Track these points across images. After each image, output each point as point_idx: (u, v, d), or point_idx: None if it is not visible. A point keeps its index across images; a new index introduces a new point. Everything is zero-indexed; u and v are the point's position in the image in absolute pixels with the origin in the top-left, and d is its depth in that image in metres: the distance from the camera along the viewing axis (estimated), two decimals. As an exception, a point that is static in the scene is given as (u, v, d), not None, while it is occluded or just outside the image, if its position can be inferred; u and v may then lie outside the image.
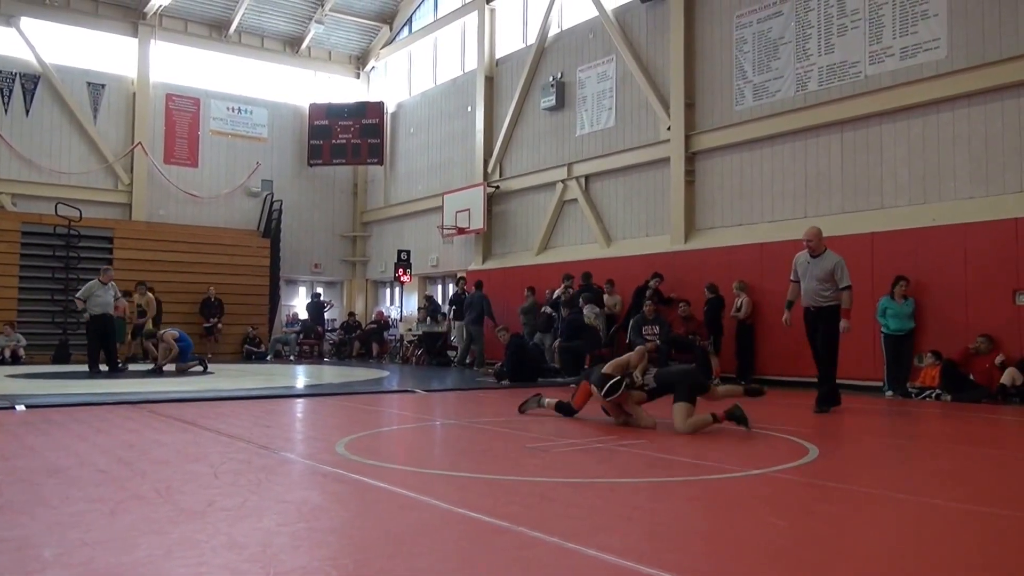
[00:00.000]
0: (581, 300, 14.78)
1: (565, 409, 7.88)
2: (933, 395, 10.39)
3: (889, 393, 10.97)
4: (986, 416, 8.61)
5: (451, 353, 19.54)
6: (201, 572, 2.83)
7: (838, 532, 3.57)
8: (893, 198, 12.01)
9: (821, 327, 8.80)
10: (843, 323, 8.74)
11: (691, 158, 14.95)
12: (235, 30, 23.33)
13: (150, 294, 16.85)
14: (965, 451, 6.30)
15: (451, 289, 22.26)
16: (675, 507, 4.03)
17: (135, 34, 21.95)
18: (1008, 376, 9.76)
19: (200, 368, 14.91)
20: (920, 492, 4.41)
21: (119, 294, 14.62)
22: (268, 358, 21.11)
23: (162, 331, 15.02)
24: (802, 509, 4.07)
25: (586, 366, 14.48)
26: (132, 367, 15.40)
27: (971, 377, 10.28)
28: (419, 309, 21.01)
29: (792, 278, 9.11)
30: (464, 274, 19.41)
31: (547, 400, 8.19)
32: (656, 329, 13.12)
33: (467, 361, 17.19)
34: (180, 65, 22.84)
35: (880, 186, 12.18)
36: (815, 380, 9.16)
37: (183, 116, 22.69)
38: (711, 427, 6.56)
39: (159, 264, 20.46)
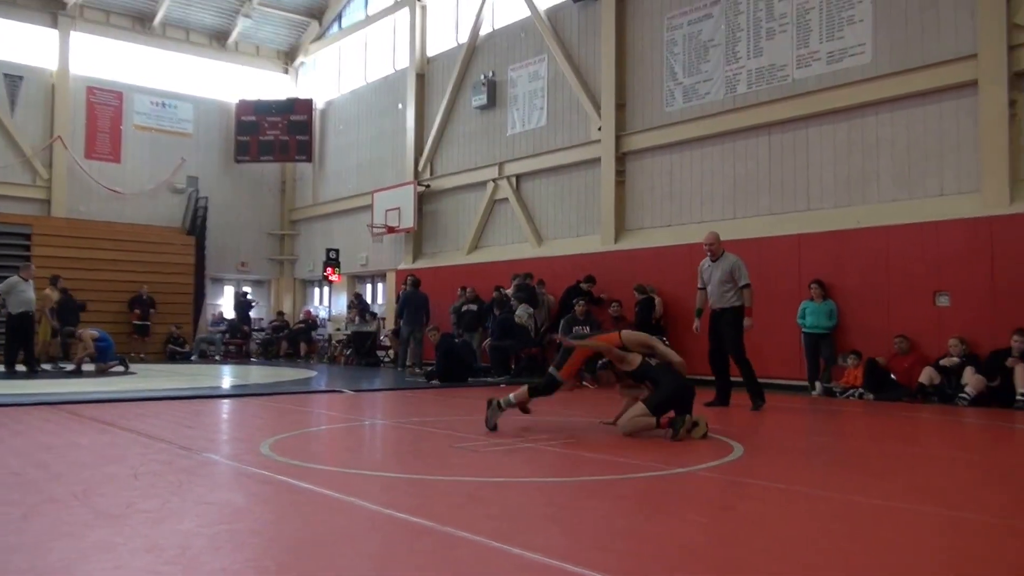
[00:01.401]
0: (514, 300, 14.80)
1: (545, 388, 6.98)
2: (856, 394, 10.68)
3: (815, 392, 11.23)
4: (906, 414, 8.87)
5: (380, 353, 19.37)
6: (117, 576, 2.74)
7: (757, 529, 3.61)
8: (819, 200, 12.31)
9: (724, 327, 9.05)
10: (747, 321, 9.00)
11: (621, 159, 15.09)
12: (159, 22, 22.74)
13: (56, 291, 16.24)
14: (885, 448, 6.47)
15: (381, 290, 22.10)
16: (600, 506, 4.03)
17: (55, 25, 21.24)
18: (926, 375, 10.08)
19: (121, 368, 14.47)
20: (840, 488, 4.49)
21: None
22: (193, 358, 20.60)
23: (80, 330, 14.53)
24: (724, 506, 4.12)
25: (513, 366, 14.53)
26: (48, 367, 14.86)
27: (893, 376, 10.60)
28: (348, 308, 20.78)
29: (699, 285, 9.38)
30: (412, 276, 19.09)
31: (510, 397, 6.93)
32: (587, 329, 13.17)
33: (408, 363, 16.85)
34: (102, 58, 22.19)
35: (807, 188, 12.47)
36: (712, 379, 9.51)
37: (105, 110, 22.02)
38: (650, 431, 6.45)
39: (81, 262, 19.76)
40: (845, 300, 11.43)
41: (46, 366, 15.00)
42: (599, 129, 15.36)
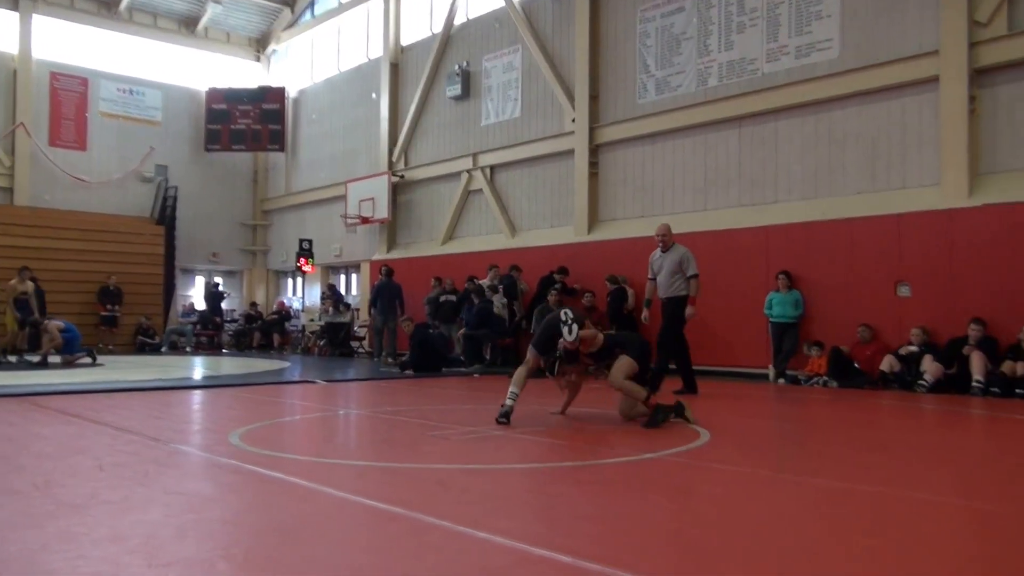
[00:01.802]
0: (488, 291, 14.83)
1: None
2: (820, 382, 10.86)
3: (781, 380, 11.39)
4: (867, 401, 9.04)
5: (354, 344, 19.32)
6: (79, 565, 2.72)
7: (721, 511, 3.70)
8: (787, 192, 12.45)
9: (666, 315, 9.27)
10: (689, 309, 9.17)
11: (595, 150, 15.15)
12: (126, 7, 22.41)
13: (29, 282, 16.00)
14: (846, 433, 6.59)
15: (355, 281, 22.02)
16: (568, 491, 4.08)
17: (15, 7, 20.83)
18: (887, 363, 10.32)
19: (88, 360, 14.31)
20: (802, 472, 4.60)
21: None
22: (163, 349, 20.43)
23: (46, 321, 14.34)
24: (690, 490, 4.19)
25: (487, 355, 14.57)
26: (13, 359, 14.66)
27: (855, 364, 10.79)
28: (322, 299, 20.69)
29: (649, 276, 9.56)
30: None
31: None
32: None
33: (383, 353, 16.81)
34: (66, 42, 21.83)
35: (775, 181, 12.60)
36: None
37: (69, 96, 21.68)
38: (636, 408, 6.51)
39: (45, 252, 19.42)
40: (811, 290, 11.58)
41: (11, 358, 14.80)
42: (573, 121, 15.40)
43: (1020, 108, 10.24)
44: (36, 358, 14.09)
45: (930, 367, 9.79)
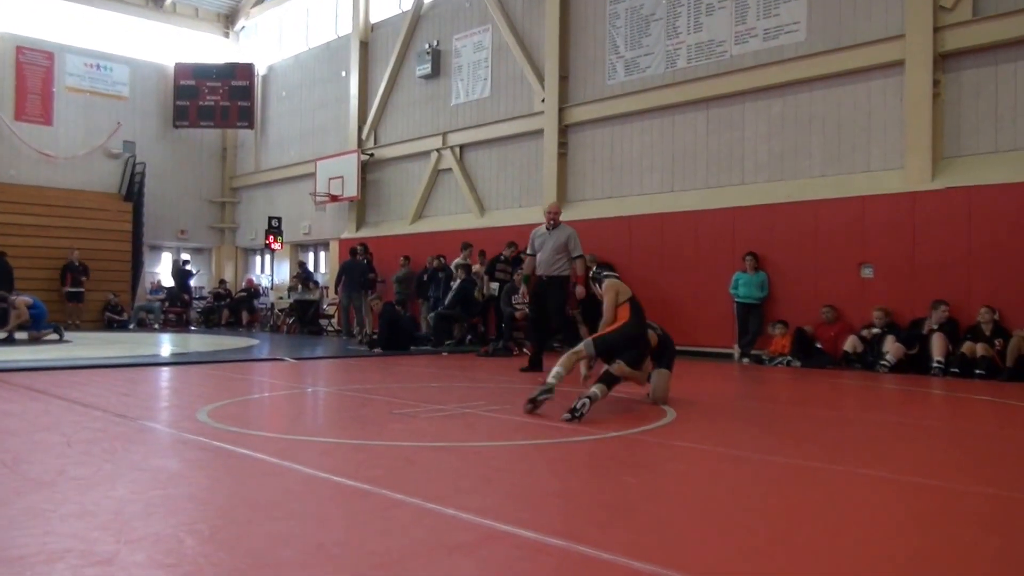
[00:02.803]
0: (475, 274, 14.88)
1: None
2: (784, 361, 11.04)
3: (745, 360, 11.57)
4: (830, 381, 9.21)
5: (323, 322, 19.30)
6: (47, 542, 2.74)
7: (683, 488, 3.80)
8: (753, 174, 12.58)
9: (551, 295, 9.28)
10: (579, 288, 9.27)
11: (564, 130, 15.18)
12: (93, -20, 22.00)
13: None
14: (808, 412, 6.74)
15: (324, 259, 21.91)
16: (535, 468, 4.16)
17: (-21, -20, 20.42)
18: (850, 344, 10.53)
19: (55, 336, 14.17)
20: (763, 450, 4.71)
21: None
22: (131, 326, 20.27)
23: (13, 297, 14.17)
24: (654, 468, 4.28)
25: (455, 333, 14.61)
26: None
27: (818, 345, 10.99)
28: (292, 277, 20.61)
29: (529, 252, 9.53)
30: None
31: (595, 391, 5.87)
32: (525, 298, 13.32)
33: (356, 331, 16.80)
34: (31, 16, 21.41)
35: (741, 162, 12.73)
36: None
37: (35, 71, 21.29)
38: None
39: (10, 228, 19.28)
40: (775, 271, 11.76)
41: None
42: (542, 101, 15.41)
43: (984, 93, 10.43)
44: (2, 334, 13.92)
45: (892, 348, 10.01)
